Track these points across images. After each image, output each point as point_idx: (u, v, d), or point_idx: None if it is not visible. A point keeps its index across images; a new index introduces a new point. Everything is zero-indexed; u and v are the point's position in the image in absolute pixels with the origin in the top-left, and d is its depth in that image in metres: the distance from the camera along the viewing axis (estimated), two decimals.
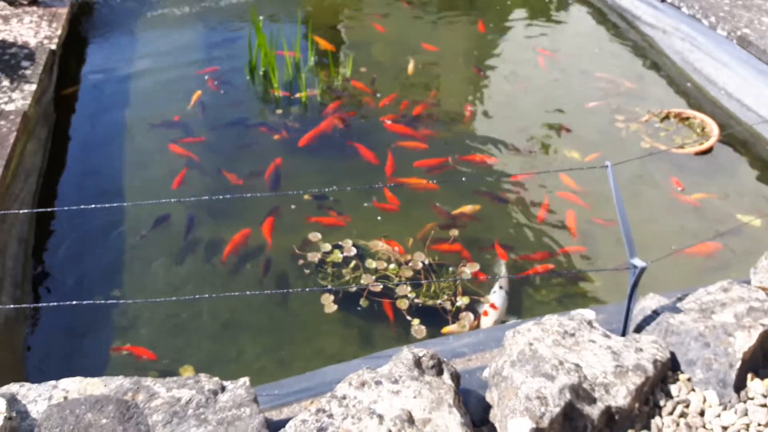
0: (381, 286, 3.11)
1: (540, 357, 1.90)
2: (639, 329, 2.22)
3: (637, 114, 4.50)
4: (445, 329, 2.95)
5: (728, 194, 3.81)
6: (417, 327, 2.95)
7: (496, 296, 3.10)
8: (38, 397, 1.78)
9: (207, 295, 3.08)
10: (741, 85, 4.51)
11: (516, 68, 5.15)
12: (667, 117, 4.45)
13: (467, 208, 3.62)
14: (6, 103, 3.77)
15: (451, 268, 3.26)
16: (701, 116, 4.40)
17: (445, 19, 5.84)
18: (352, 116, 4.41)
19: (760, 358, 2.08)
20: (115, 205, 3.46)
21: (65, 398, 1.77)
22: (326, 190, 3.69)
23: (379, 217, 3.57)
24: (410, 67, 4.98)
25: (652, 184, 3.87)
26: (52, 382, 1.83)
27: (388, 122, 4.29)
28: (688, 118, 4.41)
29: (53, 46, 4.53)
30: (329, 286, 3.13)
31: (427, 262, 3.27)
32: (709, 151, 4.13)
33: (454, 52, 5.29)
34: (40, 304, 3.01)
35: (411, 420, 1.69)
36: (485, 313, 3.01)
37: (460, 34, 5.62)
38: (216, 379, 1.85)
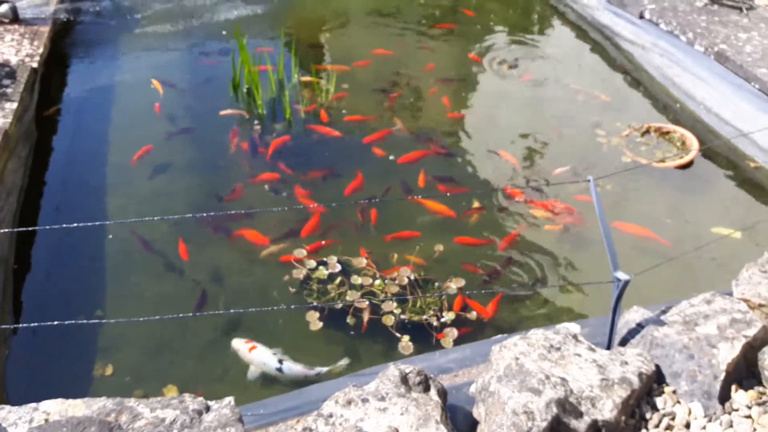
0: (367, 303, 3.10)
1: (526, 371, 1.90)
2: (624, 342, 2.23)
3: (618, 128, 4.55)
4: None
5: (709, 206, 3.86)
6: (405, 343, 2.94)
7: (265, 356, 2.82)
8: (19, 420, 1.75)
9: (191, 314, 3.05)
10: (719, 100, 4.58)
11: (497, 85, 5.20)
12: (647, 131, 4.51)
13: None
14: None
15: (437, 284, 3.26)
16: (681, 130, 4.46)
17: (427, 39, 5.88)
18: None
19: (744, 370, 2.10)
20: (97, 224, 3.43)
21: (46, 420, 1.74)
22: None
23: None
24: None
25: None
26: (33, 405, 1.80)
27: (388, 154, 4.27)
28: (668, 133, 4.47)
29: (35, 64, 4.51)
30: (314, 303, 3.11)
31: (412, 277, 3.26)
32: (689, 164, 4.18)
33: (436, 69, 5.32)
34: (20, 325, 2.96)
35: None
36: (247, 342, 2.86)
37: (442, 53, 5.66)
38: (200, 398, 1.83)
